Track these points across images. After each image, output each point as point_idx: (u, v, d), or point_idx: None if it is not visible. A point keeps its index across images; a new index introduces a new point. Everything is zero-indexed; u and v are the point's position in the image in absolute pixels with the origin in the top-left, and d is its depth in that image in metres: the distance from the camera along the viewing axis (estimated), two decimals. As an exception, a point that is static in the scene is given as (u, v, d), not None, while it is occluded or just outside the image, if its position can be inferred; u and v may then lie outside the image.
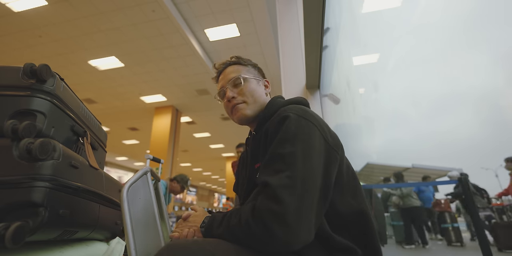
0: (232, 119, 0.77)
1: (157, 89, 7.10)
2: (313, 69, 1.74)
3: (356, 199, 0.60)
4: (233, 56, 0.81)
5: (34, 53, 5.53)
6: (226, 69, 0.78)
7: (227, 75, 0.77)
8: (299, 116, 0.58)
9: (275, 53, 5.72)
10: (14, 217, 0.48)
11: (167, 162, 7.23)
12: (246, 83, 0.75)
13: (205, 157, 14.42)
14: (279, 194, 0.47)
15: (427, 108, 61.46)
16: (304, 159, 0.51)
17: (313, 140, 0.55)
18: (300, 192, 0.48)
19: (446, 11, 13.84)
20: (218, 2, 4.43)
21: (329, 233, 0.53)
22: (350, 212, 0.58)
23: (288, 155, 0.52)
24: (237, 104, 0.73)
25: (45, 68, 0.59)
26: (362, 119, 4.98)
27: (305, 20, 1.32)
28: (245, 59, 0.81)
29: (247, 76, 0.76)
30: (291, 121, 0.57)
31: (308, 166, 0.51)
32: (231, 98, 0.73)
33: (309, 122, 0.58)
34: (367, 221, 0.58)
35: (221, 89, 0.77)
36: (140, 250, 0.56)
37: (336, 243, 0.53)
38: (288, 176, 0.49)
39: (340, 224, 0.56)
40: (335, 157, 0.58)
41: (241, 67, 0.78)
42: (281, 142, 0.55)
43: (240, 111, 0.73)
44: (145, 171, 0.74)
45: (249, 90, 0.74)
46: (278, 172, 0.51)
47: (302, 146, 0.53)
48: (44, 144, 0.51)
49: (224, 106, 0.77)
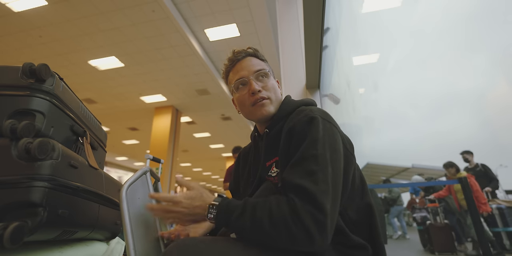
0: (250, 113, 0.71)
1: (157, 89, 7.10)
2: (313, 69, 1.74)
3: (365, 198, 0.62)
4: (250, 47, 0.76)
5: (34, 53, 5.53)
6: (246, 59, 0.74)
7: (251, 66, 0.72)
8: (324, 119, 0.59)
9: (275, 53, 5.72)
10: (13, 217, 0.47)
11: (167, 162, 7.23)
12: (270, 78, 0.73)
13: (205, 157, 14.41)
14: (321, 201, 0.48)
15: (427, 108, 61.48)
16: (332, 163, 0.53)
17: (337, 143, 0.57)
18: (333, 198, 0.50)
19: (447, 12, 13.82)
20: (218, 2, 4.43)
21: (345, 231, 0.55)
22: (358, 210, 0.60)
23: (320, 156, 0.53)
24: (263, 98, 0.69)
25: (44, 68, 0.59)
26: (362, 119, 4.98)
27: (305, 20, 1.31)
28: (261, 53, 0.78)
29: (269, 71, 0.74)
30: (319, 124, 0.58)
31: (336, 170, 0.53)
32: (257, 92, 0.69)
33: (332, 125, 0.60)
34: (373, 218, 0.61)
35: (241, 78, 0.71)
36: (139, 250, 0.56)
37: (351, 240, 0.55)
38: (324, 181, 0.50)
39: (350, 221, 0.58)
40: (352, 160, 0.61)
41: (261, 61, 0.75)
42: (312, 143, 0.55)
43: (265, 108, 0.69)
44: (145, 171, 0.73)
45: (272, 86, 0.73)
46: (311, 173, 0.51)
47: (330, 150, 0.54)
48: (43, 143, 0.51)
49: (242, 98, 0.72)
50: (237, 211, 0.51)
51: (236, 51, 0.76)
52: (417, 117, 69.78)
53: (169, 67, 6.08)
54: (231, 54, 0.77)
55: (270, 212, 0.48)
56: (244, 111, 0.74)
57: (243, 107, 0.73)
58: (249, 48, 0.77)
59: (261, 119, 0.72)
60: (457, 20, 17.52)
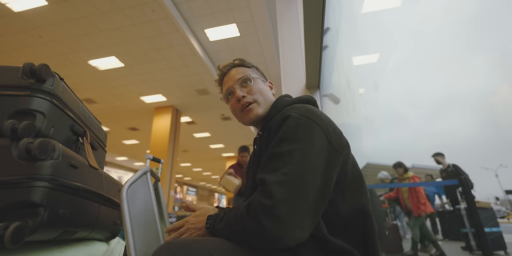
0: (241, 119, 0.75)
1: (157, 89, 7.10)
2: (313, 69, 1.74)
3: (359, 200, 0.59)
4: (236, 59, 0.80)
5: (34, 53, 5.53)
6: (231, 71, 0.78)
7: (234, 76, 0.76)
8: (302, 115, 0.58)
9: (275, 53, 5.72)
10: (14, 217, 0.47)
11: (167, 162, 7.23)
12: (254, 83, 0.75)
13: (205, 157, 14.42)
14: (272, 189, 0.47)
15: (427, 108, 61.44)
16: (302, 157, 0.51)
17: (313, 139, 0.55)
18: (293, 188, 0.48)
19: (447, 13, 13.84)
20: (218, 2, 4.43)
21: (325, 234, 0.53)
22: (351, 212, 0.57)
23: (286, 153, 0.52)
24: (248, 103, 0.71)
25: (44, 68, 0.59)
26: (362, 119, 4.99)
27: (305, 20, 1.32)
28: (248, 62, 0.81)
29: (254, 76, 0.77)
30: (292, 120, 0.57)
31: (306, 164, 0.51)
32: (241, 98, 0.72)
33: (311, 121, 0.57)
34: (368, 222, 0.58)
35: (228, 89, 0.75)
36: (140, 249, 0.56)
37: (332, 245, 0.53)
38: (283, 173, 0.49)
39: (340, 225, 0.56)
40: (337, 157, 0.57)
41: (246, 69, 0.78)
42: (280, 141, 0.55)
43: (253, 111, 0.71)
44: (145, 171, 0.73)
45: (258, 89, 0.74)
46: (275, 170, 0.51)
47: (301, 145, 0.53)
48: (44, 144, 0.51)
49: (232, 107, 0.75)
50: (218, 219, 0.54)
51: (221, 66, 0.81)
52: (417, 117, 69.91)
53: (169, 67, 6.09)
54: (218, 70, 0.81)
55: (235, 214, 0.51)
56: (237, 118, 0.77)
57: (235, 115, 0.77)
58: (235, 60, 0.80)
59: (253, 123, 0.74)
60: (458, 21, 17.60)
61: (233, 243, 0.50)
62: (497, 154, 60.87)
